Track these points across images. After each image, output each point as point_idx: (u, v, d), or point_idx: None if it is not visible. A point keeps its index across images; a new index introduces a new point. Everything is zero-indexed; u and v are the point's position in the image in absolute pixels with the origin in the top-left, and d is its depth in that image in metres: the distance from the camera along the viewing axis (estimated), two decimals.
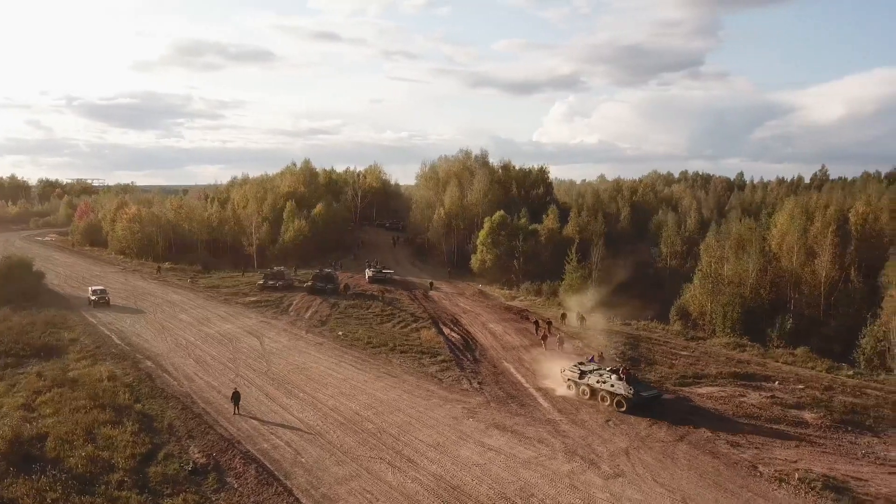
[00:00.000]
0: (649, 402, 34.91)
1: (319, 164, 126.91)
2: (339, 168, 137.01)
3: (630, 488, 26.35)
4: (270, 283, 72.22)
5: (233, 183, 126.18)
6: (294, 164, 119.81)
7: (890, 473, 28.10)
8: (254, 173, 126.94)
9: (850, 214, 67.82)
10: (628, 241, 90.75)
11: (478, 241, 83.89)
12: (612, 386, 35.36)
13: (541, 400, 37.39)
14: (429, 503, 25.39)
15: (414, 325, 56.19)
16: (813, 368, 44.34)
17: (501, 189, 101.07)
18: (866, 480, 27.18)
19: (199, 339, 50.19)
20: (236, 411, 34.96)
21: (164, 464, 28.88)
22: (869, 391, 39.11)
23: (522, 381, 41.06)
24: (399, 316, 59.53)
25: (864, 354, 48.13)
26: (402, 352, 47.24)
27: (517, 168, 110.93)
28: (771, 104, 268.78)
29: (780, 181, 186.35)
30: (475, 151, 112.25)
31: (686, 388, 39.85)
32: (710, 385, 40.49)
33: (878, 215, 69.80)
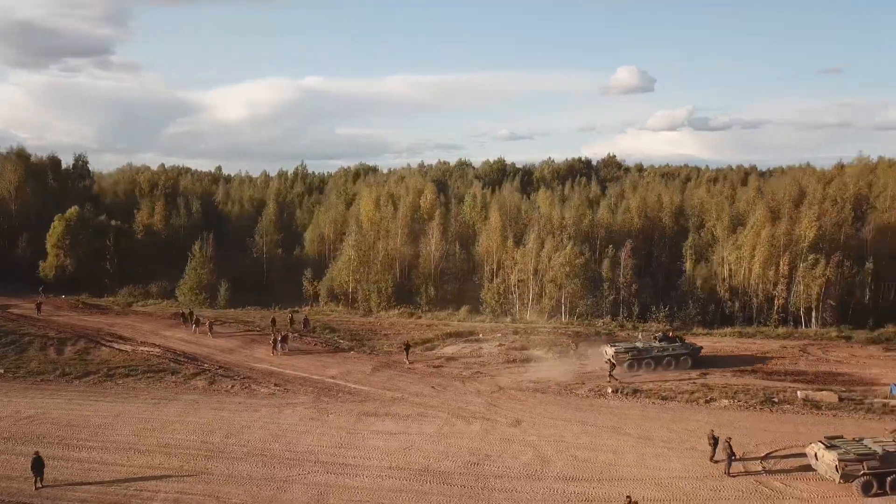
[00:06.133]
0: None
1: None
2: None
3: (545, 429, 31.12)
4: None
5: None
6: None
7: (647, 381, 39.82)
8: None
9: (421, 200, 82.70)
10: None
11: (49, 244, 69.41)
12: (674, 350, 40.70)
13: (351, 384, 37.78)
14: (424, 487, 25.17)
15: (71, 348, 45.70)
16: (483, 321, 55.28)
17: (37, 182, 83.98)
18: (640, 382, 38.18)
19: None
20: (39, 484, 25.11)
21: None
22: (541, 330, 51.72)
23: (303, 374, 39.90)
24: (29, 340, 46.90)
25: (490, 306, 61.54)
26: (126, 375, 39.15)
27: (40, 158, 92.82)
28: (182, 102, 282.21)
29: (249, 177, 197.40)
30: None
31: (434, 352, 45.50)
32: (449, 346, 47.07)
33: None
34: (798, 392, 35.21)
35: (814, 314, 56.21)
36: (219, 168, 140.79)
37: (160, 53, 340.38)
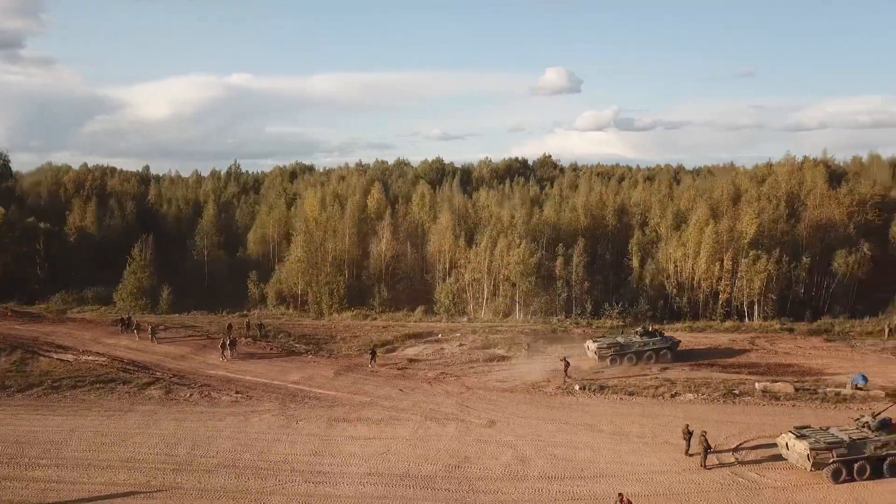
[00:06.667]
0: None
1: None
2: None
3: (520, 428, 31.01)
4: None
5: None
6: None
7: (612, 377, 40.24)
8: None
9: (368, 200, 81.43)
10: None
11: None
12: (654, 344, 41.53)
13: (315, 389, 36.83)
14: (407, 492, 24.67)
15: (6, 358, 42.86)
16: (440, 321, 54.94)
17: None
18: (605, 378, 38.57)
19: None
20: None
21: None
22: (499, 328, 51.73)
23: (264, 380, 38.59)
24: None
25: (444, 306, 61.26)
26: (72, 387, 36.97)
27: None
28: (101, 98, 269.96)
29: (180, 176, 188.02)
30: None
31: (395, 353, 44.89)
32: (409, 347, 46.52)
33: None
34: (756, 384, 36.35)
35: (756, 308, 58.43)
36: (146, 167, 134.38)
37: (76, 47, 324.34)
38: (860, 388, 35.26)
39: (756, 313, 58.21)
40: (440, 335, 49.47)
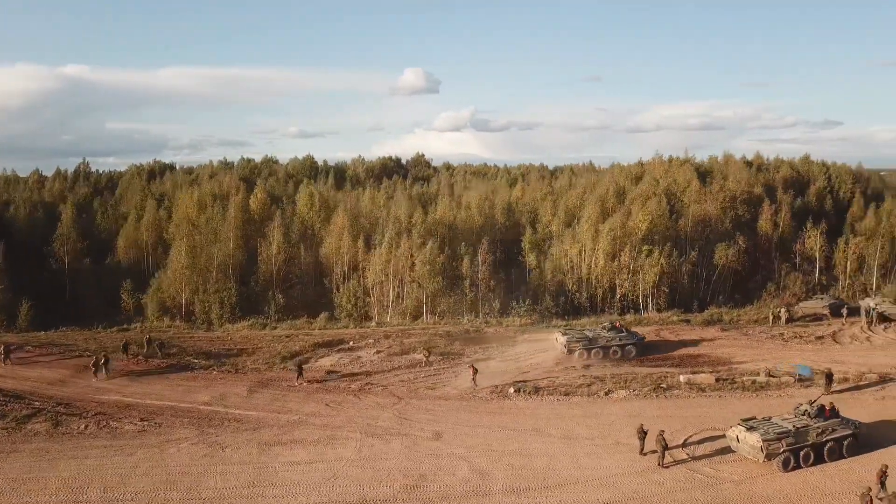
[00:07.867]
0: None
1: None
2: None
3: (468, 438, 29.49)
4: None
5: None
6: None
7: (541, 378, 39.66)
8: None
9: (251, 200, 76.15)
10: None
11: None
12: (620, 340, 42.05)
13: (232, 410, 33.32)
14: None
15: None
16: (346, 327, 52.29)
17: None
18: (535, 380, 37.93)
19: None
20: None
21: None
22: (411, 332, 49.95)
23: (170, 403, 34.46)
24: None
25: (346, 311, 58.55)
26: None
27: None
28: None
29: (17, 176, 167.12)
30: None
31: (309, 365, 41.87)
32: (323, 357, 43.67)
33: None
34: (680, 377, 37.19)
35: (650, 300, 60.68)
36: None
37: None
38: (804, 378, 36.50)
39: (650, 306, 60.43)
40: (352, 342, 46.98)
